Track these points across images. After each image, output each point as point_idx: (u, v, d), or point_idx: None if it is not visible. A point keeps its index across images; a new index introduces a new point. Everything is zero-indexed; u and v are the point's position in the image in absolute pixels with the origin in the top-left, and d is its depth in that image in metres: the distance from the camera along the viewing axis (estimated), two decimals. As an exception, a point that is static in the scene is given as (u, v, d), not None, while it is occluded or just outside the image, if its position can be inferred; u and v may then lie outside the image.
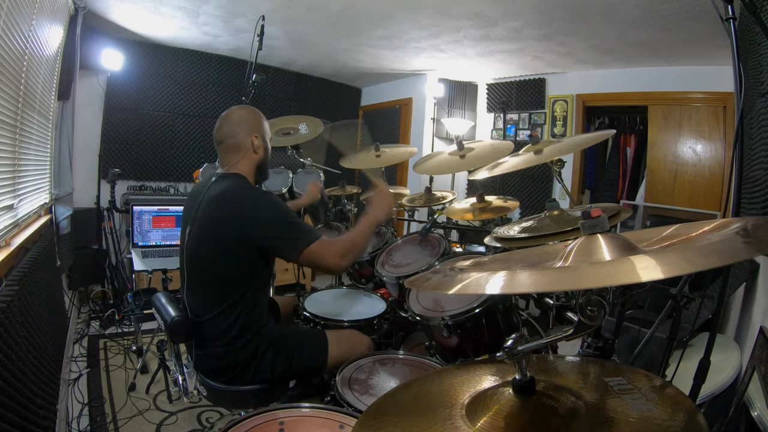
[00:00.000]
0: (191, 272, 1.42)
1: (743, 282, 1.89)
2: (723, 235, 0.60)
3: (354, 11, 2.97)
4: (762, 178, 1.49)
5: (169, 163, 4.12)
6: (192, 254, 1.41)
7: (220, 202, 1.36)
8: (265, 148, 1.52)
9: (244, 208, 1.33)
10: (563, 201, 2.02)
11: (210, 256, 1.36)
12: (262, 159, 1.51)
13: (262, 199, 1.37)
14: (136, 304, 2.54)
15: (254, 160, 1.49)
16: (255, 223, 1.32)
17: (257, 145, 1.48)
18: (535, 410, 0.64)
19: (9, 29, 1.49)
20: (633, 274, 0.51)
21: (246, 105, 1.58)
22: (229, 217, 1.33)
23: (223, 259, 1.34)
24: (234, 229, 1.32)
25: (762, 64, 1.50)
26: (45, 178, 2.46)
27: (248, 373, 1.38)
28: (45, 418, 1.30)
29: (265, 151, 1.52)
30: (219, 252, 1.34)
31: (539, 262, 0.79)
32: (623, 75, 3.84)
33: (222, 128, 1.50)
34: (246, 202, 1.35)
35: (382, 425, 0.68)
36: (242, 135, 1.46)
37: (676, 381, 1.16)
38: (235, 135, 1.47)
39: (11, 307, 1.24)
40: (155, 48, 3.88)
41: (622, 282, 0.50)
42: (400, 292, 1.80)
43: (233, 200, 1.35)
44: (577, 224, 0.88)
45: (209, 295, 1.39)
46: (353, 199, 2.70)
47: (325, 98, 5.11)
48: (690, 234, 0.68)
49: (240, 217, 1.32)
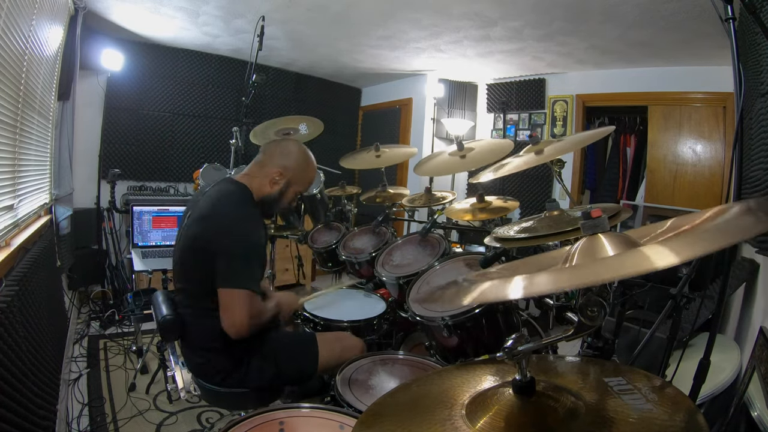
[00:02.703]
0: (179, 273, 1.42)
1: (743, 282, 1.89)
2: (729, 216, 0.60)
3: (354, 11, 2.97)
4: (762, 178, 1.49)
5: (169, 163, 4.12)
6: (180, 254, 1.40)
7: (210, 206, 1.35)
8: (283, 191, 1.46)
9: (222, 218, 1.31)
10: (563, 201, 2.02)
11: (193, 258, 1.35)
12: (272, 196, 1.46)
13: (241, 221, 1.32)
14: (136, 305, 2.54)
15: (265, 189, 1.45)
16: (220, 237, 1.29)
17: (275, 180, 1.44)
18: (535, 410, 0.64)
19: (9, 29, 1.49)
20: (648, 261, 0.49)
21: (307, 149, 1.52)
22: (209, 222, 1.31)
23: (201, 264, 1.31)
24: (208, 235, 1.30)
25: (762, 64, 1.50)
26: (45, 179, 2.46)
27: (235, 378, 1.38)
28: (45, 418, 1.30)
29: (279, 194, 1.46)
30: (199, 256, 1.31)
31: (544, 267, 0.79)
32: (623, 75, 3.84)
33: (270, 146, 1.49)
34: (227, 215, 1.32)
35: (382, 425, 0.68)
36: (275, 161, 1.44)
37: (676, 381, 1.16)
38: (270, 156, 1.46)
39: (11, 307, 1.24)
40: (155, 48, 3.88)
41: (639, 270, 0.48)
42: (400, 292, 1.79)
43: (219, 207, 1.34)
44: (577, 225, 0.88)
45: (194, 297, 1.38)
46: (353, 199, 2.70)
47: (325, 98, 5.11)
48: (689, 224, 0.67)
49: (214, 225, 1.30)
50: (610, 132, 1.61)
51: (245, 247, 1.30)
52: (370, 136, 5.29)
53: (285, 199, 1.49)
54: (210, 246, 1.28)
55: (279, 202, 1.48)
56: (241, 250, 1.29)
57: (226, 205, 1.34)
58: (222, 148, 4.28)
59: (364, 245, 2.19)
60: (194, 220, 1.36)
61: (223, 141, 4.19)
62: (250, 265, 1.31)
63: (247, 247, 1.30)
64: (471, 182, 4.69)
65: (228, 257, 1.27)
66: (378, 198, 2.55)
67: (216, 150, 4.32)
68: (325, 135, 2.71)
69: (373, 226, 2.26)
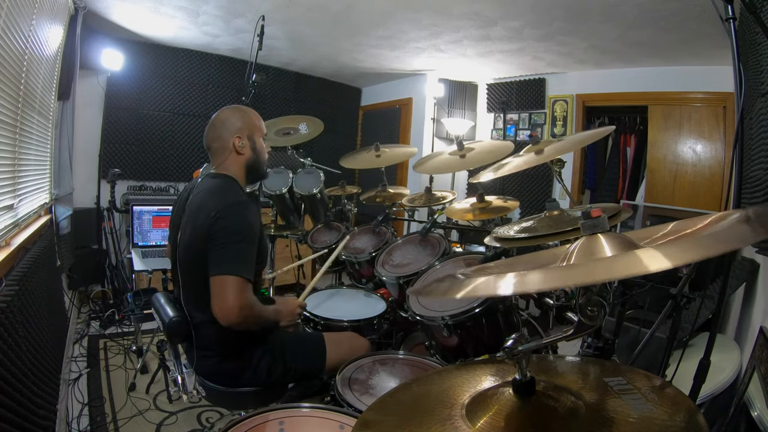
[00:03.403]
0: (183, 274, 1.41)
1: (743, 282, 1.89)
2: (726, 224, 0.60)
3: (354, 11, 2.97)
4: (762, 178, 1.49)
5: (169, 163, 4.12)
6: (182, 256, 1.39)
7: (202, 203, 1.34)
8: (253, 147, 1.46)
9: (216, 209, 1.29)
10: (563, 201, 2.02)
11: (197, 258, 1.32)
12: (251, 159, 1.46)
13: (233, 208, 1.31)
14: (136, 304, 2.54)
15: (241, 160, 1.44)
16: (215, 225, 1.27)
17: (241, 145, 1.42)
18: (535, 410, 0.64)
19: (9, 29, 1.49)
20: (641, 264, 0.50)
21: (232, 105, 1.51)
22: (204, 217, 1.30)
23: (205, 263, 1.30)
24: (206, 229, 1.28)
25: (762, 64, 1.50)
26: (45, 178, 2.46)
27: (245, 377, 1.38)
28: (45, 418, 1.30)
29: (253, 151, 1.46)
30: (203, 253, 1.30)
31: (542, 264, 0.79)
32: (623, 75, 3.84)
33: (208, 133, 1.46)
34: (220, 204, 1.30)
35: (382, 425, 0.68)
36: (225, 137, 1.42)
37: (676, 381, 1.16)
38: (219, 138, 1.43)
39: (11, 307, 1.24)
40: (155, 48, 3.88)
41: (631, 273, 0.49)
42: (400, 292, 1.80)
43: (211, 200, 1.32)
44: (577, 224, 0.88)
45: (202, 298, 1.36)
46: (353, 199, 2.70)
47: (325, 98, 5.11)
48: (689, 229, 0.68)
49: (211, 218, 1.28)
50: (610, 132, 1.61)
51: (236, 233, 1.28)
52: (370, 135, 5.29)
53: (260, 150, 1.48)
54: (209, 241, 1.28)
55: (258, 156, 1.48)
56: (233, 237, 1.27)
57: (219, 196, 1.34)
58: (222, 148, 4.27)
59: (364, 245, 2.19)
60: (193, 222, 1.34)
61: (223, 141, 4.18)
62: (242, 252, 1.28)
63: (238, 234, 1.28)
64: (471, 182, 4.69)
65: (220, 245, 1.26)
66: (378, 198, 2.56)
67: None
68: (325, 135, 2.71)
69: (373, 225, 2.26)
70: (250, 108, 1.53)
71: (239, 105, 1.54)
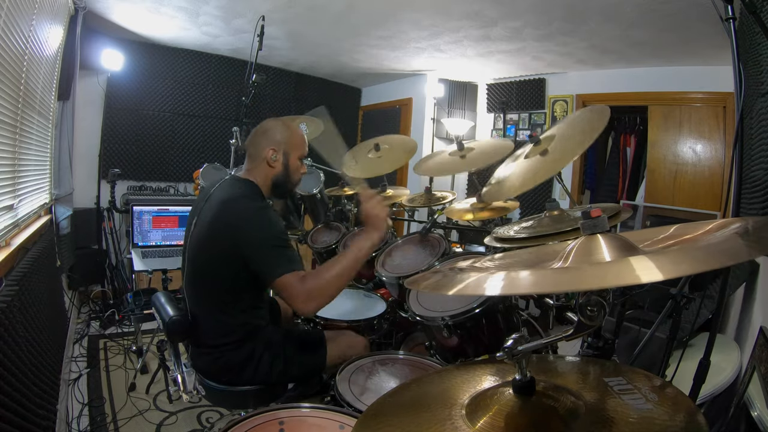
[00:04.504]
0: (190, 272, 1.42)
1: (743, 282, 1.89)
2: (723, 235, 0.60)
3: (354, 11, 2.97)
4: (762, 178, 1.49)
5: (169, 163, 4.12)
6: (192, 254, 1.41)
7: (222, 206, 1.35)
8: (285, 163, 1.46)
9: (240, 219, 1.31)
10: (563, 201, 2.01)
11: (207, 258, 1.36)
12: (280, 174, 1.46)
13: (258, 215, 1.33)
14: (136, 304, 2.54)
15: (270, 173, 1.45)
16: (245, 236, 1.29)
17: (273, 158, 1.43)
18: (535, 410, 0.64)
19: (9, 29, 1.49)
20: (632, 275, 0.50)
21: (282, 118, 1.51)
22: (224, 224, 1.32)
23: (219, 263, 1.33)
24: (227, 237, 1.30)
25: (762, 64, 1.50)
26: (45, 178, 2.46)
27: (245, 375, 1.38)
28: (45, 418, 1.30)
29: (284, 167, 1.46)
30: (215, 255, 1.34)
31: (539, 262, 0.79)
32: (623, 75, 3.84)
33: (249, 137, 1.49)
34: (243, 213, 1.32)
35: (382, 425, 0.68)
36: (262, 145, 1.44)
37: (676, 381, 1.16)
38: (256, 145, 1.45)
39: (11, 307, 1.24)
40: (155, 48, 3.88)
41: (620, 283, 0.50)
42: (400, 292, 1.79)
43: (233, 208, 1.34)
44: (577, 224, 0.88)
45: (206, 295, 1.39)
46: (353, 198, 2.70)
47: (325, 98, 5.10)
48: (690, 234, 0.68)
49: (233, 227, 1.30)
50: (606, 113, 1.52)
51: (273, 236, 1.32)
52: (370, 136, 5.22)
53: (292, 169, 1.49)
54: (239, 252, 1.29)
55: (289, 174, 1.48)
56: (270, 242, 1.30)
57: (241, 203, 1.35)
58: (222, 148, 4.28)
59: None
60: (209, 222, 1.35)
61: (223, 141, 4.19)
62: (283, 249, 1.32)
63: (271, 236, 1.32)
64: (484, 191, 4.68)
65: (264, 251, 1.29)
66: (378, 198, 2.54)
67: (216, 150, 4.32)
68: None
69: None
70: (297, 126, 1.54)
71: (288, 119, 1.55)
